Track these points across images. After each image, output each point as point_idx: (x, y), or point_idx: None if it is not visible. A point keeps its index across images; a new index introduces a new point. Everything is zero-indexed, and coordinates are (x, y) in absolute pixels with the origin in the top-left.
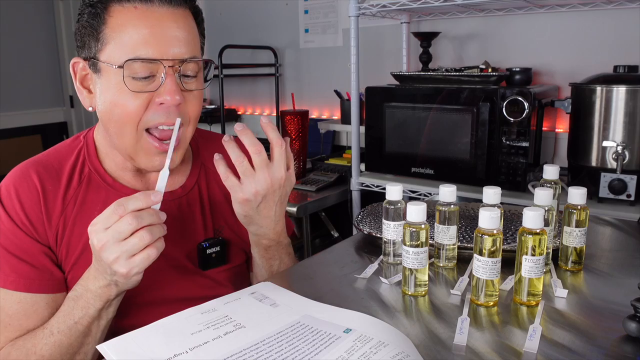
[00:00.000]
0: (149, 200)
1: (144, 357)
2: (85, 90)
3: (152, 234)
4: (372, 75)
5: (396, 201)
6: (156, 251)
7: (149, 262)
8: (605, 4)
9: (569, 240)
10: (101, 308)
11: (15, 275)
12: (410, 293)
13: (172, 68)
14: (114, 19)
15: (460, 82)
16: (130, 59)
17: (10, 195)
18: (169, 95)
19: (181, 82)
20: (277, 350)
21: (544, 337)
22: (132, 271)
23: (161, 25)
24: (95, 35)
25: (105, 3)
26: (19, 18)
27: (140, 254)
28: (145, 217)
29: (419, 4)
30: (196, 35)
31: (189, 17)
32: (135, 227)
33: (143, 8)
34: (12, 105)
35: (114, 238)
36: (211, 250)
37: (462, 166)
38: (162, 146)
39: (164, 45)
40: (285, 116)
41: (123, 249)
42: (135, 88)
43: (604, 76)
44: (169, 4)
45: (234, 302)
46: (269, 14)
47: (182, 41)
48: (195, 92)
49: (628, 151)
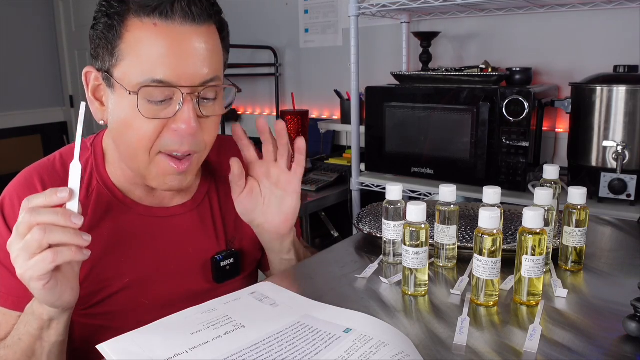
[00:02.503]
0: (54, 197)
1: (143, 357)
2: (98, 102)
3: (44, 231)
4: (372, 75)
5: (396, 201)
6: (53, 254)
7: (45, 265)
8: (605, 4)
9: (569, 240)
10: (39, 327)
11: (5, 290)
12: (410, 293)
13: (190, 95)
14: (131, 35)
15: (460, 82)
16: (145, 86)
17: (13, 206)
18: (184, 124)
19: (199, 107)
20: (277, 350)
21: (544, 337)
22: (26, 274)
23: (181, 45)
24: (109, 49)
25: (122, 16)
26: (19, 18)
27: (37, 256)
28: (43, 213)
29: (419, 4)
30: (219, 53)
31: (213, 33)
32: (27, 222)
33: (163, 25)
34: (12, 105)
35: (15, 235)
36: (225, 263)
37: (462, 166)
38: (179, 166)
39: (183, 68)
40: (285, 116)
41: (20, 246)
42: (149, 113)
43: (604, 76)
44: (192, 21)
45: (234, 302)
46: (268, 13)
47: (203, 62)
48: (213, 117)
49: (628, 151)
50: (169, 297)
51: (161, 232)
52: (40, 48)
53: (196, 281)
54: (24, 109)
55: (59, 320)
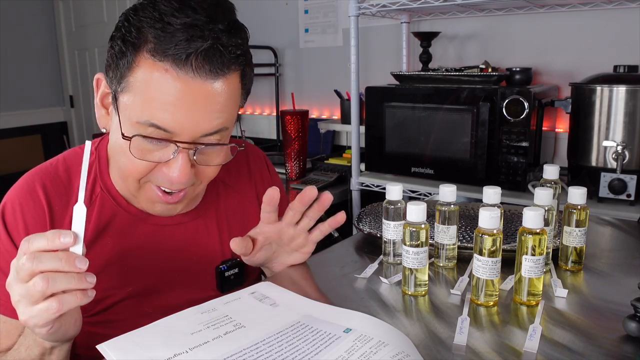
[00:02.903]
0: (57, 240)
1: (143, 357)
2: (104, 109)
3: (47, 282)
4: (372, 75)
5: (396, 201)
6: (57, 304)
7: (49, 315)
8: (605, 4)
9: (569, 240)
10: (41, 354)
11: (5, 298)
12: (410, 293)
13: (186, 150)
14: (141, 72)
15: (460, 82)
16: (139, 135)
17: (14, 212)
18: (174, 174)
19: (195, 157)
20: (277, 350)
21: (544, 337)
22: (30, 322)
23: (189, 98)
24: (118, 76)
25: (136, 49)
26: (19, 18)
27: (40, 304)
28: (44, 259)
29: (419, 3)
30: (236, 100)
31: (232, 81)
32: (29, 269)
33: (174, 73)
34: (12, 105)
35: (15, 278)
36: (230, 273)
37: (462, 166)
38: (168, 200)
39: (185, 119)
40: (285, 116)
41: (21, 292)
42: (141, 153)
43: (604, 76)
44: (208, 73)
45: (234, 302)
46: (268, 13)
47: (213, 115)
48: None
49: (628, 151)
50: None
51: (165, 241)
52: (40, 48)
53: (200, 290)
54: (24, 109)
55: (62, 347)
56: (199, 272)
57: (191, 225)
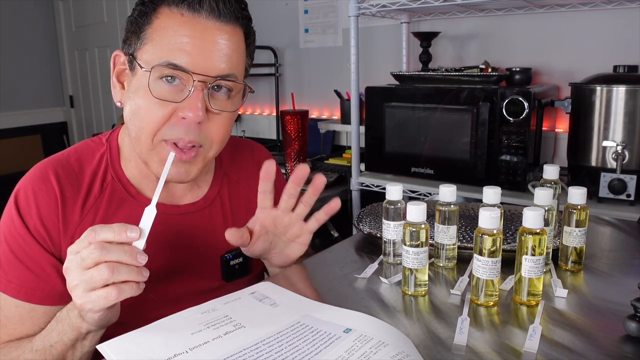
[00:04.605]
0: (123, 234)
1: (143, 357)
2: (120, 84)
3: (112, 271)
4: (372, 75)
5: (396, 201)
6: (117, 292)
7: (106, 302)
8: (605, 4)
9: (569, 240)
10: (75, 339)
11: (18, 282)
12: (410, 293)
13: (202, 83)
14: (159, 21)
15: (460, 82)
16: (159, 64)
17: (27, 198)
18: (191, 112)
19: (209, 100)
20: (277, 350)
21: (544, 337)
22: (86, 306)
23: (203, 37)
24: (137, 33)
25: (155, 4)
26: (19, 18)
27: (99, 290)
28: (112, 251)
29: (419, 4)
30: (241, 55)
31: (238, 34)
32: (96, 258)
33: (189, 16)
34: (12, 105)
35: (77, 264)
36: (234, 262)
37: (462, 166)
38: (181, 155)
39: (200, 58)
40: (285, 116)
41: (82, 278)
42: (159, 94)
43: (603, 76)
44: (217, 18)
45: (234, 302)
46: (268, 13)
47: (223, 57)
48: (223, 114)
49: (628, 151)
50: (178, 293)
51: (172, 230)
52: (40, 48)
53: (205, 279)
54: (24, 109)
55: (97, 333)
56: (205, 261)
57: (197, 215)
